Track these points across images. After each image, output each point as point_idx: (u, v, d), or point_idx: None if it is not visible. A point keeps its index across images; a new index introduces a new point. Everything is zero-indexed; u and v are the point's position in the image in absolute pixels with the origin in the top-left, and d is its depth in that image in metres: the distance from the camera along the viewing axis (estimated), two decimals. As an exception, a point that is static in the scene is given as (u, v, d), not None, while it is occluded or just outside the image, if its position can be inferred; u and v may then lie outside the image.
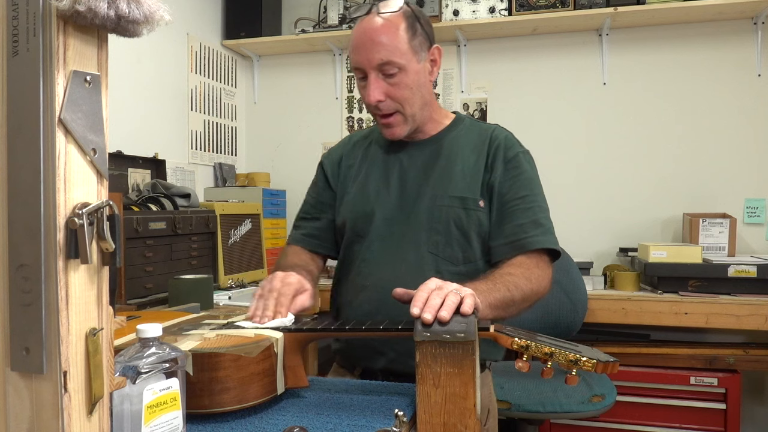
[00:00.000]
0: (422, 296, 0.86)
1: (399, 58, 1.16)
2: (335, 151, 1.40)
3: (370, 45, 1.16)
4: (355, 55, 1.20)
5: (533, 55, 2.77)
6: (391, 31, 1.16)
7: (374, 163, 1.31)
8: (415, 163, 1.27)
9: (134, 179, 2.21)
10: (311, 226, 1.36)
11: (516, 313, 1.10)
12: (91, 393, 0.53)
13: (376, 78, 1.18)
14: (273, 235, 2.66)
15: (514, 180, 1.22)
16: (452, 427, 0.79)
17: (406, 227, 1.23)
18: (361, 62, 1.18)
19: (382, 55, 1.16)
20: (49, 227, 0.50)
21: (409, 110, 1.21)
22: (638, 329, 2.41)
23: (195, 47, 2.72)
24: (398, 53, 1.16)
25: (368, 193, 1.28)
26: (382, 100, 1.19)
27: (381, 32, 1.16)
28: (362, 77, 1.21)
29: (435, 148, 1.28)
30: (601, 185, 2.68)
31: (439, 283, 0.89)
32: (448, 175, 1.23)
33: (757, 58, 2.51)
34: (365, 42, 1.17)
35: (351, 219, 1.28)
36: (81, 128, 0.51)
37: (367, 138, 1.38)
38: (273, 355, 0.89)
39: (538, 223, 1.19)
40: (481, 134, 1.28)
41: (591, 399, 1.82)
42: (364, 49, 1.17)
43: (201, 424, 0.82)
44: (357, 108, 3.01)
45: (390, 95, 1.19)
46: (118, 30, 0.51)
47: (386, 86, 1.18)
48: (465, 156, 1.25)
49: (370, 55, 1.16)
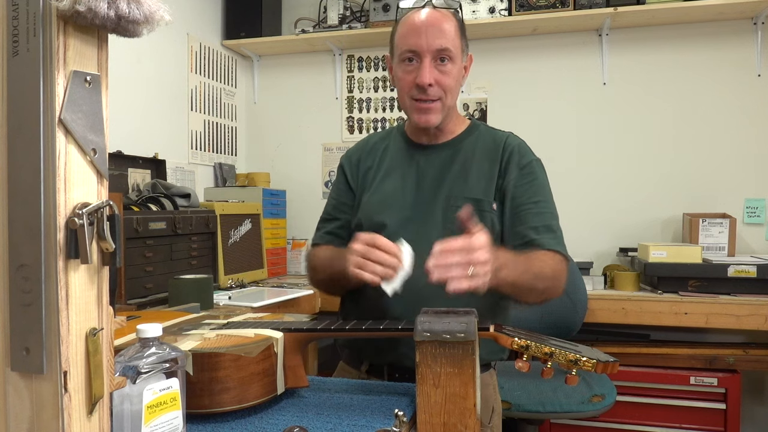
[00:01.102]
0: (454, 246, 0.93)
1: (454, 49, 1.23)
2: (354, 153, 1.43)
3: (432, 30, 1.22)
4: (410, 38, 1.23)
5: (533, 55, 2.77)
6: (450, 22, 1.24)
7: (392, 165, 1.34)
8: (432, 165, 1.30)
9: (134, 179, 2.21)
10: (333, 227, 1.39)
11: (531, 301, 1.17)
12: (91, 393, 0.53)
13: (431, 62, 1.23)
14: (273, 235, 2.66)
15: (528, 185, 1.26)
16: (452, 427, 0.79)
17: (421, 227, 1.25)
18: (420, 45, 1.22)
19: (442, 41, 1.22)
20: (49, 227, 0.50)
21: (449, 101, 1.26)
22: (638, 329, 2.41)
23: (195, 47, 2.72)
24: (454, 44, 1.23)
25: (386, 193, 1.31)
26: (433, 85, 1.23)
27: (443, 21, 1.23)
28: (410, 59, 1.25)
29: (451, 152, 1.31)
30: (601, 185, 2.68)
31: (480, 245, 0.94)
32: (463, 178, 1.27)
33: (757, 58, 2.51)
34: (427, 27, 1.22)
35: (368, 219, 1.30)
36: (81, 128, 0.51)
37: (385, 140, 1.41)
38: (273, 355, 0.89)
39: (551, 229, 1.24)
40: (496, 141, 1.31)
41: (591, 399, 1.82)
42: (425, 33, 1.22)
43: (201, 424, 0.82)
44: (357, 108, 3.01)
45: (439, 82, 1.24)
46: (118, 30, 0.51)
47: (437, 73, 1.23)
48: (480, 161, 1.28)
49: (431, 39, 1.21)
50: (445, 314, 0.86)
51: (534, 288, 1.14)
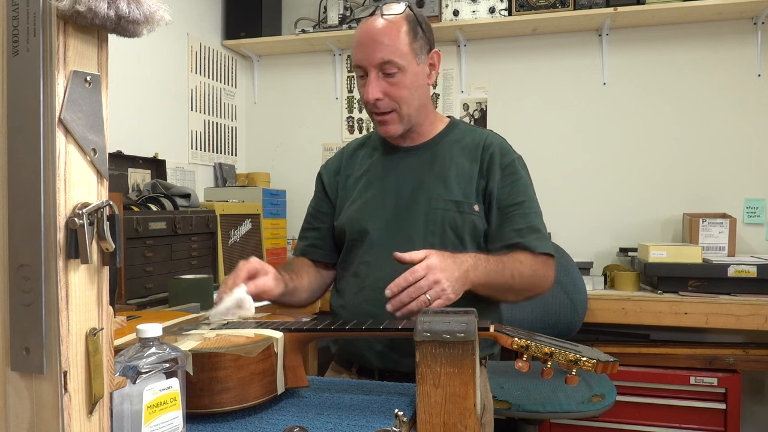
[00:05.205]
0: (400, 284, 1.00)
1: (399, 59, 1.20)
2: (333, 162, 1.45)
3: (373, 44, 1.20)
4: (357, 53, 1.23)
5: (533, 55, 2.77)
6: (393, 32, 1.20)
7: (372, 170, 1.35)
8: (411, 167, 1.31)
9: (134, 179, 2.21)
10: (312, 236, 1.41)
11: (512, 300, 1.21)
12: (91, 393, 0.53)
13: (376, 77, 1.22)
14: (273, 235, 2.66)
15: (512, 186, 1.26)
16: (452, 427, 0.79)
17: (403, 230, 1.26)
18: (363, 60, 1.22)
19: (383, 54, 1.19)
20: (49, 227, 0.50)
21: (405, 110, 1.25)
22: (638, 329, 2.41)
23: (195, 47, 2.72)
24: (399, 54, 1.20)
25: (367, 199, 1.31)
26: (380, 99, 1.22)
27: (384, 33, 1.20)
28: (362, 75, 1.25)
29: (430, 153, 1.31)
30: (601, 185, 2.68)
31: (422, 273, 1.00)
32: (443, 180, 1.27)
33: (757, 58, 2.50)
34: (368, 41, 1.21)
35: (350, 224, 1.31)
36: (81, 128, 0.51)
37: (364, 146, 1.42)
38: (273, 355, 0.89)
39: (535, 229, 1.24)
40: (475, 140, 1.31)
41: (591, 399, 1.82)
42: (366, 47, 1.21)
43: (201, 424, 0.82)
44: (357, 108, 3.01)
45: (388, 94, 1.22)
46: (118, 30, 0.51)
47: (385, 85, 1.22)
48: (459, 161, 1.28)
49: (371, 54, 1.20)
50: (445, 314, 0.86)
51: (512, 287, 1.16)
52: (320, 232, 1.40)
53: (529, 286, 1.19)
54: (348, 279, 1.31)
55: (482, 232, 1.26)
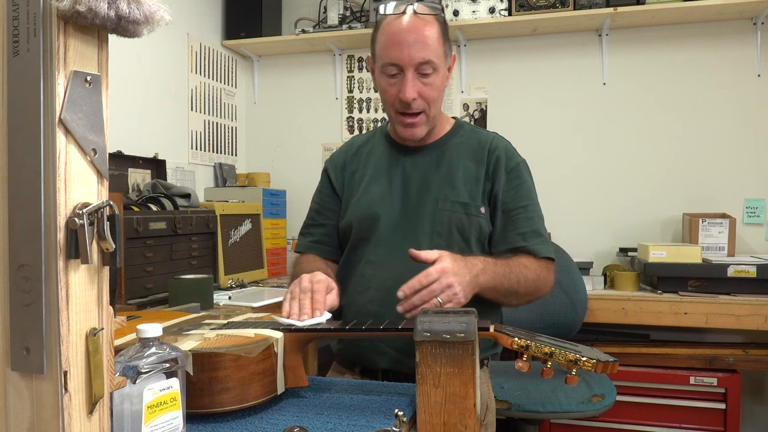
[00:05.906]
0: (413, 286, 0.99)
1: (436, 59, 1.19)
2: (338, 157, 1.41)
3: (413, 43, 1.17)
4: (391, 51, 1.19)
5: (533, 55, 2.77)
6: (431, 31, 1.19)
7: (378, 169, 1.33)
8: (418, 168, 1.30)
9: (134, 179, 2.21)
10: (319, 233, 1.37)
11: (515, 303, 1.20)
12: (92, 393, 0.53)
13: (413, 76, 1.19)
14: (273, 235, 2.66)
15: (516, 190, 1.26)
16: (452, 427, 0.79)
17: (409, 230, 1.25)
18: (401, 59, 1.18)
19: (424, 54, 1.17)
20: (49, 227, 0.50)
21: (432, 111, 1.24)
22: (638, 329, 2.41)
23: (195, 47, 2.72)
24: (436, 54, 1.19)
25: (373, 197, 1.30)
26: (416, 99, 1.20)
27: (425, 30, 1.18)
28: (394, 74, 1.21)
29: (437, 154, 1.30)
30: (601, 185, 2.68)
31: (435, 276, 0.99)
32: (450, 181, 1.26)
33: (757, 59, 2.51)
34: (407, 39, 1.17)
35: (356, 223, 1.30)
36: (81, 128, 0.51)
37: (369, 142, 1.40)
38: (273, 355, 0.89)
39: (538, 233, 1.25)
40: (481, 142, 1.30)
41: (591, 399, 1.82)
42: (406, 45, 1.17)
43: (201, 424, 0.82)
44: (357, 108, 3.01)
45: (422, 95, 1.20)
46: (119, 30, 0.51)
47: (420, 85, 1.20)
48: (465, 163, 1.28)
49: (412, 52, 1.17)
50: (445, 314, 0.86)
51: (517, 291, 1.16)
52: (327, 228, 1.37)
53: (532, 290, 1.19)
54: (352, 279, 1.30)
55: (488, 235, 1.25)
